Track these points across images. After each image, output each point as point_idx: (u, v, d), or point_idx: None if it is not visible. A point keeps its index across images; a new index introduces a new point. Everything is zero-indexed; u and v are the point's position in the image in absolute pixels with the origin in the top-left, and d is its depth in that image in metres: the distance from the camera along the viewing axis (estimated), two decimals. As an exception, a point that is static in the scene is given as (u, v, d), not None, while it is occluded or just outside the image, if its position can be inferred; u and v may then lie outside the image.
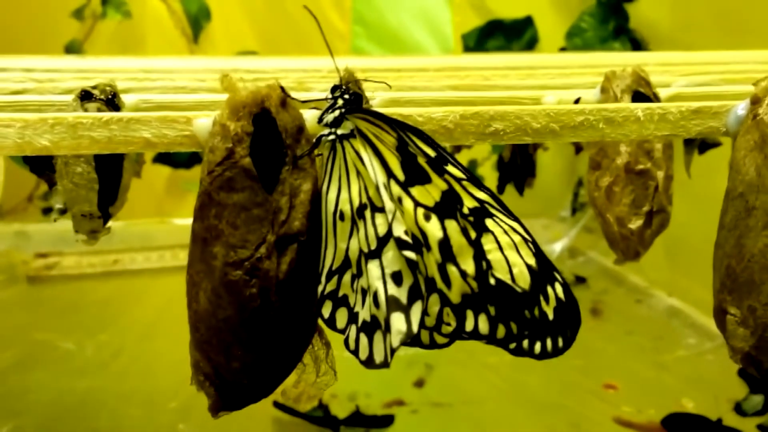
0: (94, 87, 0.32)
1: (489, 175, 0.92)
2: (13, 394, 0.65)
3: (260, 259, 0.21)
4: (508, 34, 0.90)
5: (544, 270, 0.23)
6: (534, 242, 0.23)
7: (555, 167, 1.03)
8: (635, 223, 0.34)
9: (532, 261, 0.23)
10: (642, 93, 0.34)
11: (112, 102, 0.32)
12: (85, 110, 0.31)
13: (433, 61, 0.49)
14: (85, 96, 0.32)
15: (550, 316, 0.23)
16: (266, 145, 0.22)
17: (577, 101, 0.33)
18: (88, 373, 0.70)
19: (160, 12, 1.15)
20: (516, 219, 0.23)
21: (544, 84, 0.38)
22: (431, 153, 0.22)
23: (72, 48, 1.16)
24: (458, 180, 0.22)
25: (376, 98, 0.30)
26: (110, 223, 0.32)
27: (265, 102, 0.22)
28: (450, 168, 0.22)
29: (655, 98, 0.34)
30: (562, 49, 0.87)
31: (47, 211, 0.98)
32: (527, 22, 0.90)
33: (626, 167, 0.34)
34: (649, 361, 0.77)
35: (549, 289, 0.23)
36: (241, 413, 0.27)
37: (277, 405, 0.68)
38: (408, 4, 0.98)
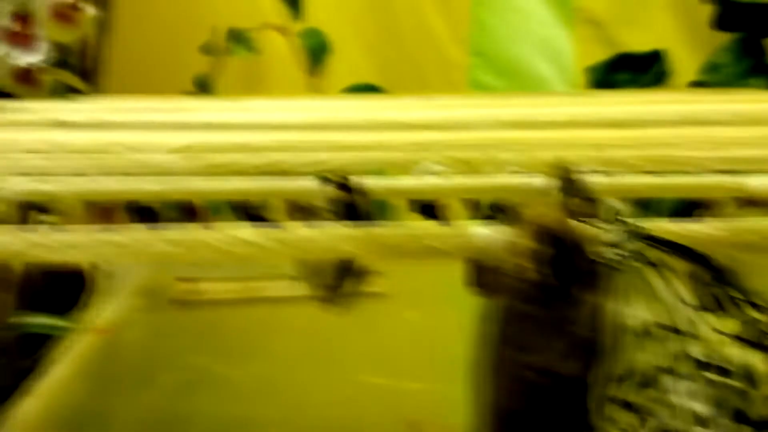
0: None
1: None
2: (179, 419, 0.70)
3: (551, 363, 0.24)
4: (635, 67, 0.90)
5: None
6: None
7: None
8: None
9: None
10: None
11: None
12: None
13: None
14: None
15: None
16: (558, 261, 0.24)
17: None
18: (246, 400, 0.75)
19: (281, 46, 1.21)
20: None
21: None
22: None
23: (202, 83, 1.23)
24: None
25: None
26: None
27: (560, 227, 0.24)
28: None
29: None
30: (694, 84, 0.86)
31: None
32: (655, 57, 0.89)
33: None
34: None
35: None
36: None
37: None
38: (529, 35, 0.99)
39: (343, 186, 0.32)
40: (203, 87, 1.23)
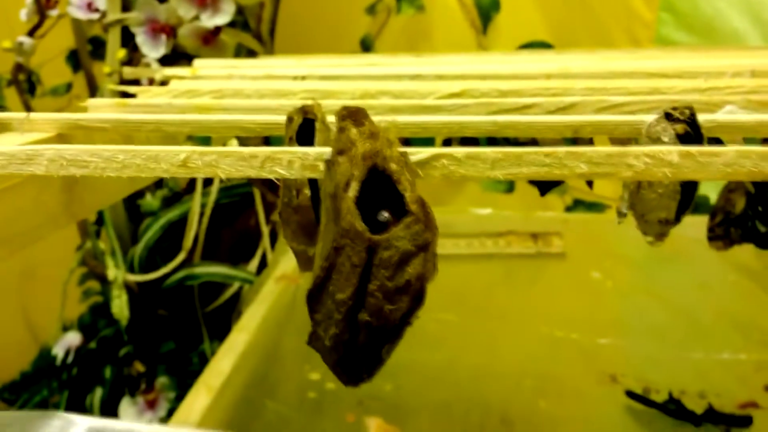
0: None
1: None
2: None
3: None
4: None
5: None
6: None
7: None
8: None
9: None
10: None
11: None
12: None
13: None
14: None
15: None
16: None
17: None
18: (437, 347, 0.77)
19: (450, 4, 1.20)
20: None
21: None
22: None
23: (365, 43, 1.25)
24: None
25: None
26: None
27: None
28: None
29: None
30: None
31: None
32: None
33: None
34: None
35: None
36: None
37: (629, 394, 0.70)
38: (726, -9, 0.94)
39: (690, 122, 0.32)
40: (367, 48, 1.25)
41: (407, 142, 0.49)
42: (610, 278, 0.86)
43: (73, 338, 1.03)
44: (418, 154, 0.25)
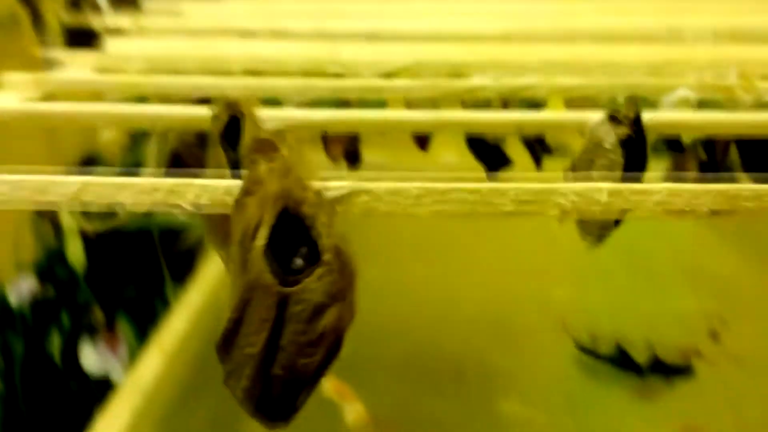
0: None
1: None
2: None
3: None
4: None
5: None
6: None
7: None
8: None
9: None
10: None
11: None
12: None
13: None
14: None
15: None
16: None
17: None
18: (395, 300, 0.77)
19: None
20: None
21: None
22: None
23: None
24: None
25: None
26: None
27: None
28: None
29: None
30: None
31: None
32: None
33: None
34: None
35: None
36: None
37: (579, 347, 0.72)
38: None
39: (634, 124, 0.31)
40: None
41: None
42: (567, 227, 0.86)
43: (29, 284, 1.02)
44: (336, 189, 0.24)
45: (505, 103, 0.46)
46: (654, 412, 0.65)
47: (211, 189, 0.24)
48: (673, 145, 0.40)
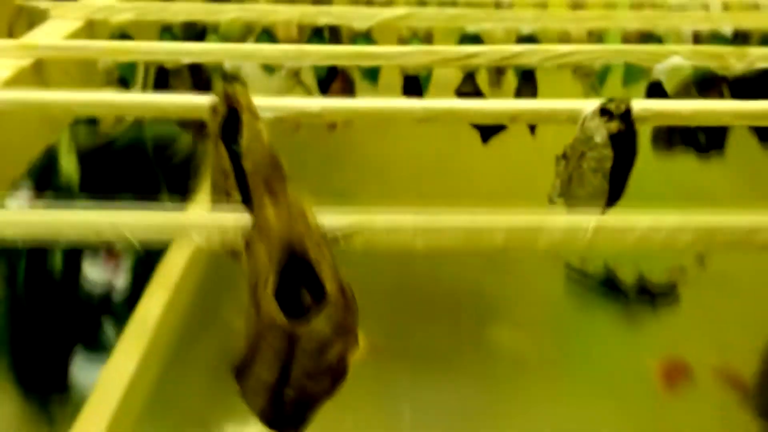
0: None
1: None
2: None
3: None
4: None
5: None
6: None
7: None
8: None
9: None
10: None
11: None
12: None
13: None
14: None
15: None
16: None
17: None
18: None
19: None
20: None
21: None
22: None
23: None
24: None
25: None
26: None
27: None
28: None
29: None
30: None
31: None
32: None
33: None
34: None
35: None
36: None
37: (568, 267, 0.74)
38: None
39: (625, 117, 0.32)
40: None
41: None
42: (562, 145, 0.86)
43: (25, 195, 1.03)
44: (338, 230, 0.25)
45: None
46: (638, 341, 0.68)
47: (221, 229, 0.25)
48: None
